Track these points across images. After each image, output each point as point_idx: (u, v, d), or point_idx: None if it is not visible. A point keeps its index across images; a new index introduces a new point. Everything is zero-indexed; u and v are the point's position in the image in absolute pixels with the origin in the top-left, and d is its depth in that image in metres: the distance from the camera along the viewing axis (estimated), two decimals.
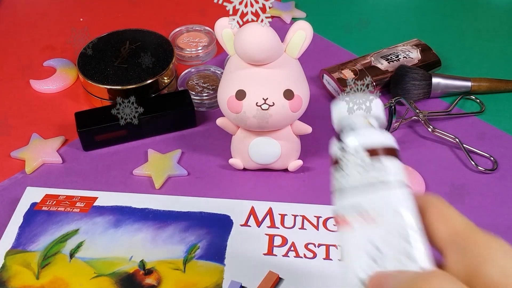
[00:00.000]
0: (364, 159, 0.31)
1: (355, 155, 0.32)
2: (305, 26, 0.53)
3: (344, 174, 0.32)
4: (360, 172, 0.31)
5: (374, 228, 0.30)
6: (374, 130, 0.33)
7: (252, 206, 0.55)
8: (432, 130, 0.63)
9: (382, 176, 0.31)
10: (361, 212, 0.31)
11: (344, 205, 0.31)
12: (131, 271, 0.50)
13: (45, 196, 0.56)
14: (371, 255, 0.30)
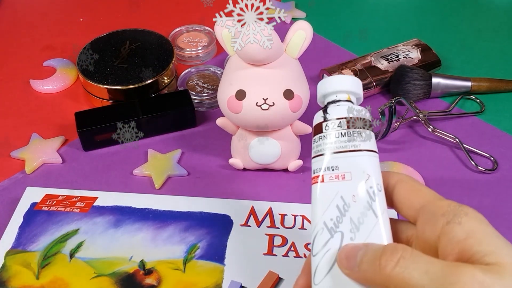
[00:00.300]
0: (343, 127, 0.36)
1: (336, 124, 0.36)
2: (305, 26, 0.53)
3: (324, 140, 0.36)
4: (338, 139, 0.36)
5: (344, 184, 0.35)
6: (353, 105, 0.37)
7: (252, 206, 0.55)
8: (432, 130, 0.63)
9: (356, 143, 0.36)
10: (334, 171, 0.36)
11: (321, 166, 0.36)
12: (131, 271, 0.50)
13: (45, 196, 0.56)
14: (339, 206, 0.35)
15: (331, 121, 0.37)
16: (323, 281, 0.34)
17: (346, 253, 0.33)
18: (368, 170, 0.35)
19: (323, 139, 0.37)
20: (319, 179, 0.36)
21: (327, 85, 0.38)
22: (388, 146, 0.63)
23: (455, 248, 0.30)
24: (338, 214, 0.35)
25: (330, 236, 0.34)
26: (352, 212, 0.35)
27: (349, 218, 0.35)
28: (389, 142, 0.63)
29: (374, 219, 0.34)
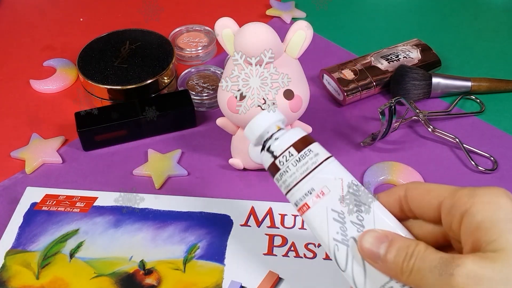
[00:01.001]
0: (294, 155, 0.39)
1: (287, 155, 0.39)
2: (305, 26, 0.53)
3: (287, 175, 0.39)
4: (297, 166, 0.38)
5: (327, 198, 0.37)
6: (287, 131, 0.40)
7: (252, 206, 0.55)
8: (432, 130, 0.63)
9: (313, 160, 0.38)
10: (312, 193, 0.38)
11: (299, 196, 0.38)
12: (131, 271, 0.50)
13: (45, 196, 0.56)
14: (335, 218, 0.37)
15: (281, 155, 0.39)
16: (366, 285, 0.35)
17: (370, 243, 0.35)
18: (337, 174, 0.38)
19: (285, 174, 0.39)
20: (305, 208, 0.38)
21: (255, 128, 0.41)
22: (388, 146, 0.63)
23: (469, 238, 0.32)
24: (340, 224, 0.37)
25: (346, 246, 0.36)
26: (349, 216, 0.37)
27: (350, 222, 0.37)
28: (389, 142, 0.63)
29: (369, 210, 0.37)
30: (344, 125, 0.66)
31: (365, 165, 0.60)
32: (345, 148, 0.63)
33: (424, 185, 0.36)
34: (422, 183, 0.37)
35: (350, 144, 0.63)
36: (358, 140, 0.64)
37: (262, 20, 0.62)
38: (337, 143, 0.63)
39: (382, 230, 0.35)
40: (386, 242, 0.34)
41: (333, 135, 0.64)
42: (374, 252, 0.34)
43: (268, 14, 0.82)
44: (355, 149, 0.63)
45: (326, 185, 0.37)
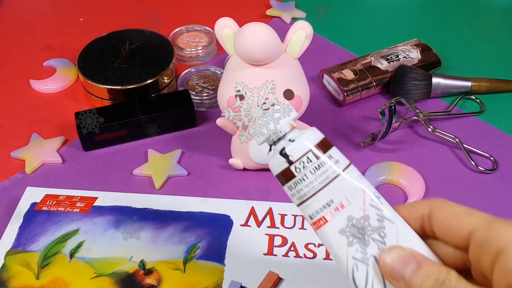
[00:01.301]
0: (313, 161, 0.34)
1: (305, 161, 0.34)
2: (305, 26, 0.53)
3: (303, 183, 0.34)
4: (315, 175, 0.34)
5: (346, 211, 0.34)
6: (302, 132, 0.35)
7: (252, 206, 0.55)
8: (432, 130, 0.63)
9: (333, 168, 0.34)
10: (330, 206, 0.34)
11: (316, 209, 0.34)
12: (131, 271, 0.50)
13: (45, 196, 0.56)
14: (354, 233, 0.34)
15: (298, 161, 0.34)
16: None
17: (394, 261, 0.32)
18: (359, 185, 0.34)
19: (301, 182, 0.34)
20: (322, 222, 0.34)
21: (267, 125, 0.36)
22: (388, 146, 0.63)
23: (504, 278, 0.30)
24: (359, 241, 0.34)
25: (366, 265, 0.33)
26: (370, 232, 0.34)
27: (371, 239, 0.34)
28: (389, 142, 0.63)
29: (392, 226, 0.34)
30: (344, 125, 0.66)
31: (365, 165, 0.60)
32: (345, 148, 0.63)
33: (453, 207, 0.33)
34: (449, 204, 0.33)
35: (350, 144, 0.63)
36: (358, 140, 0.64)
37: (262, 20, 0.62)
38: (337, 143, 0.62)
39: (409, 249, 0.33)
40: (414, 263, 0.32)
41: (333, 135, 0.64)
42: (397, 272, 0.32)
43: (268, 14, 0.82)
44: (355, 149, 0.63)
45: (346, 197, 0.34)
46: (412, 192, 0.57)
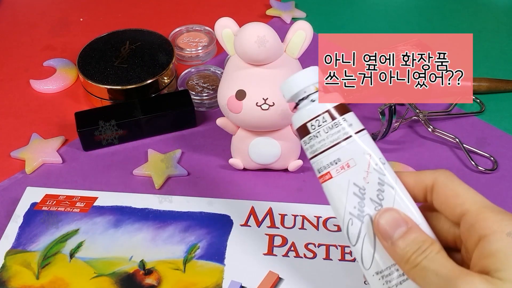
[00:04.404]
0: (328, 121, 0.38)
1: (321, 120, 0.38)
2: (305, 26, 0.53)
3: (316, 140, 0.38)
4: (328, 133, 0.38)
5: (352, 171, 0.37)
6: (325, 94, 0.39)
7: (252, 206, 0.55)
8: (432, 130, 0.63)
9: (345, 130, 0.37)
10: (337, 163, 0.37)
11: (323, 164, 0.38)
12: (131, 271, 0.50)
13: (45, 196, 0.56)
14: (356, 193, 0.37)
15: (314, 119, 0.38)
16: (373, 263, 0.36)
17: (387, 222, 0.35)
18: (366, 149, 0.37)
19: (314, 139, 0.38)
20: (327, 176, 0.38)
21: (293, 85, 0.39)
22: (388, 146, 0.63)
23: (480, 261, 0.32)
24: (358, 199, 0.37)
25: (361, 222, 0.36)
26: (370, 193, 0.36)
27: (369, 199, 0.36)
28: (389, 142, 0.63)
29: (391, 190, 0.36)
30: None
31: None
32: None
33: (454, 184, 0.35)
34: (452, 180, 0.36)
35: None
36: None
37: (262, 20, 0.62)
38: None
39: (403, 214, 0.35)
40: (404, 227, 0.34)
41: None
42: (388, 232, 0.34)
43: (268, 14, 0.82)
44: None
45: (353, 158, 0.37)
46: None
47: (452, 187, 0.35)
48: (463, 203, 0.34)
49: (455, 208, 0.34)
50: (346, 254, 0.51)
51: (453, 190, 0.35)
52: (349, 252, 0.51)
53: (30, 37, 0.80)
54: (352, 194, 0.37)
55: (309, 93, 0.39)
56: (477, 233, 0.32)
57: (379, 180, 0.36)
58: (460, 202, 0.34)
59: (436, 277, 0.32)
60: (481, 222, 0.33)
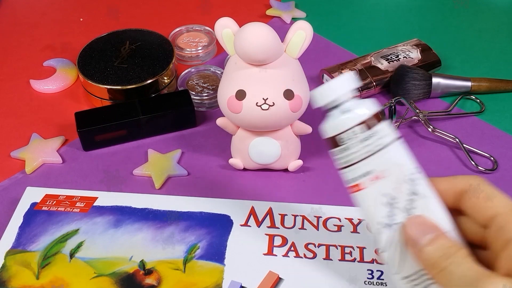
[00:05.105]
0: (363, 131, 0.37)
1: (356, 131, 0.37)
2: (305, 26, 0.53)
3: (349, 151, 0.37)
4: (362, 145, 0.37)
5: (384, 182, 0.37)
6: (361, 102, 0.37)
7: (252, 206, 0.55)
8: (432, 130, 0.63)
9: (380, 141, 0.37)
10: (369, 175, 0.37)
11: (355, 175, 0.37)
12: (131, 271, 0.50)
13: (45, 196, 0.56)
14: (387, 203, 0.37)
15: (349, 130, 0.37)
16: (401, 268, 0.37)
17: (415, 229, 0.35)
18: (399, 160, 0.37)
19: (347, 150, 0.37)
20: (359, 187, 0.38)
21: (329, 93, 0.38)
22: None
23: (507, 263, 0.33)
24: (389, 209, 0.37)
25: (391, 230, 0.37)
26: (401, 202, 0.36)
27: (400, 209, 0.37)
28: None
29: (423, 199, 0.36)
30: None
31: None
32: None
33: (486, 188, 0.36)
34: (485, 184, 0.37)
35: None
36: None
37: (262, 20, 0.62)
38: None
39: (431, 221, 0.36)
40: (432, 234, 0.35)
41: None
42: (416, 238, 0.35)
43: (268, 14, 0.82)
44: None
45: (386, 169, 0.36)
46: None
47: (484, 191, 0.36)
48: (494, 206, 0.35)
49: (486, 211, 0.35)
50: (346, 254, 0.51)
51: (485, 193, 0.36)
52: (349, 252, 0.51)
53: (30, 37, 0.80)
54: (383, 204, 0.37)
55: (344, 101, 0.38)
56: (506, 235, 0.33)
57: (411, 189, 0.37)
58: (491, 205, 0.35)
59: (462, 280, 0.32)
60: (511, 225, 0.34)
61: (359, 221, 0.53)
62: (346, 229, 0.53)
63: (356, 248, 0.51)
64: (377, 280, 0.49)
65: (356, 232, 0.52)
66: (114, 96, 0.66)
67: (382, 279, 0.49)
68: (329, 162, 0.61)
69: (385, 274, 0.49)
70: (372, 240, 0.38)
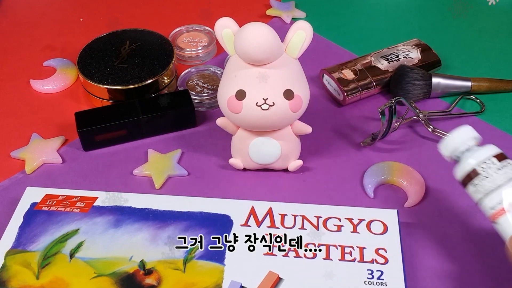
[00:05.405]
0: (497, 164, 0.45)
1: (490, 163, 0.45)
2: (305, 26, 0.53)
3: (486, 181, 0.45)
4: (498, 173, 0.44)
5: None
6: (486, 144, 0.47)
7: (252, 206, 0.55)
8: (432, 130, 0.63)
9: None
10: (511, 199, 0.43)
11: (495, 201, 0.43)
12: (131, 271, 0.50)
13: (45, 196, 0.56)
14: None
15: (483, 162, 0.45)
16: None
17: None
18: None
19: (485, 179, 0.45)
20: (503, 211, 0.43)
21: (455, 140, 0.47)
22: (388, 146, 0.63)
23: None
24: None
25: None
26: None
27: None
28: (389, 142, 0.63)
29: None
30: (344, 125, 0.66)
31: (365, 165, 0.60)
32: (345, 148, 0.63)
33: None
34: None
35: (350, 144, 0.63)
36: (358, 140, 0.64)
37: (262, 20, 0.62)
38: (337, 143, 0.63)
39: None
40: None
41: (333, 135, 0.64)
42: None
43: (268, 14, 0.82)
44: (355, 149, 0.63)
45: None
46: (412, 192, 0.57)
47: None
48: None
49: None
50: (346, 254, 0.51)
51: None
52: (349, 252, 0.51)
53: (30, 37, 0.80)
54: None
55: (470, 145, 0.47)
56: None
57: None
58: None
59: None
60: None
61: (359, 221, 0.53)
62: (346, 229, 0.53)
63: (356, 248, 0.51)
64: (377, 280, 0.49)
65: (356, 232, 0.52)
66: (114, 96, 0.66)
67: (382, 279, 0.49)
68: (329, 162, 0.62)
69: (385, 274, 0.49)
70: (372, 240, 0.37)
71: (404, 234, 0.53)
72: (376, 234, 0.52)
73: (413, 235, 0.54)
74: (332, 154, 0.62)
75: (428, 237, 0.54)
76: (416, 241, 0.54)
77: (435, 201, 0.57)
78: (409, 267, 0.51)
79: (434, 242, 0.54)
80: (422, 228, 0.55)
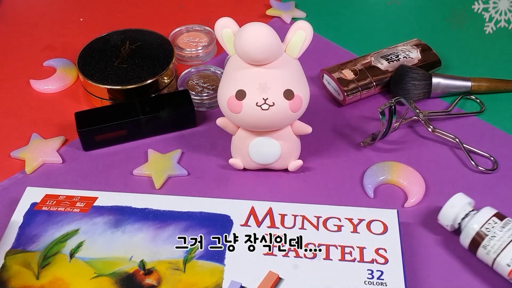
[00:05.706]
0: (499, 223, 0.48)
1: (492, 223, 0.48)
2: (305, 26, 0.53)
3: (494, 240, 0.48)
4: (502, 232, 0.48)
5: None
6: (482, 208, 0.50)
7: (252, 206, 0.55)
8: (432, 130, 0.63)
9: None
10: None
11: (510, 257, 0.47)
12: (131, 271, 0.50)
13: (45, 196, 0.56)
14: None
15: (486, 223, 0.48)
16: None
17: None
18: None
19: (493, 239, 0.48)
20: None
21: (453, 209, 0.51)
22: (388, 146, 0.63)
23: None
24: None
25: None
26: None
27: None
28: (389, 142, 0.63)
29: None
30: (344, 125, 0.66)
31: (365, 165, 0.60)
32: (345, 148, 0.63)
33: None
34: None
35: (350, 144, 0.63)
36: (358, 140, 0.64)
37: (262, 20, 0.62)
38: (337, 143, 0.63)
39: None
40: None
41: (333, 135, 0.64)
42: None
43: (268, 14, 0.82)
44: (355, 149, 0.63)
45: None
46: (412, 192, 0.57)
47: None
48: None
49: None
50: (346, 254, 0.51)
51: None
52: (349, 252, 0.51)
53: (30, 37, 0.80)
54: None
55: (468, 211, 0.50)
56: None
57: None
58: None
59: None
60: None
61: (359, 221, 0.53)
62: (346, 229, 0.53)
63: (356, 248, 0.51)
64: (377, 280, 0.49)
65: (356, 232, 0.52)
66: (114, 96, 0.66)
67: (382, 279, 0.49)
68: (329, 162, 0.62)
69: (385, 274, 0.49)
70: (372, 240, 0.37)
71: (404, 234, 0.53)
72: (376, 234, 0.52)
73: (413, 235, 0.54)
74: (332, 154, 0.62)
75: (428, 237, 0.54)
76: (416, 241, 0.54)
77: (435, 201, 0.57)
78: (409, 267, 0.51)
79: (434, 242, 0.54)
80: (422, 228, 0.55)
